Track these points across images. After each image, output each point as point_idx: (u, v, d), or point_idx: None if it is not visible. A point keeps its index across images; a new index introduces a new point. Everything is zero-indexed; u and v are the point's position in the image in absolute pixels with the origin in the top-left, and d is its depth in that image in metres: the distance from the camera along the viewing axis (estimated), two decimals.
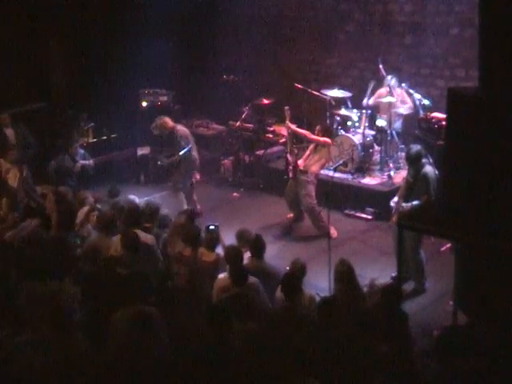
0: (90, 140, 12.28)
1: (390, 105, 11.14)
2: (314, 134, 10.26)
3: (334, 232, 9.78)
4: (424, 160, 8.47)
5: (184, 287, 7.05)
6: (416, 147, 8.51)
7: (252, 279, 6.83)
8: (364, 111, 11.48)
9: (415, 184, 8.33)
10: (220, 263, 7.53)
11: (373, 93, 11.50)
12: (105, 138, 12.50)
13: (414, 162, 8.34)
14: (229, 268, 7.00)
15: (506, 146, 6.16)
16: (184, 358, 5.42)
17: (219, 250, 7.89)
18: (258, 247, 7.39)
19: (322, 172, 10.30)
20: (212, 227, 7.88)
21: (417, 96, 11.25)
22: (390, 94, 11.20)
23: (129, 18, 12.83)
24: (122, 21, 12.82)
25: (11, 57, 12.05)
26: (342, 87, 12.03)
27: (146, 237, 7.70)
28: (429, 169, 8.36)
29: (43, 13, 12.24)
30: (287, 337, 5.67)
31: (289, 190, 10.33)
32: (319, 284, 8.08)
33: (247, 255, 7.44)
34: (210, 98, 13.68)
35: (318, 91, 11.95)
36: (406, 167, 10.92)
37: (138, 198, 9.09)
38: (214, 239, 7.72)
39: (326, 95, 11.75)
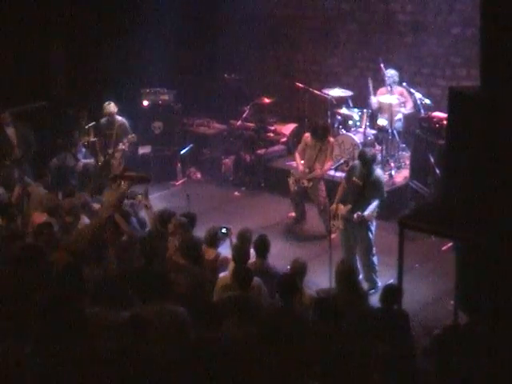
0: (91, 139, 12.26)
1: (391, 104, 11.12)
2: (312, 132, 10.27)
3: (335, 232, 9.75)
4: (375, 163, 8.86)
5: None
6: (371, 150, 9.09)
7: (255, 280, 6.77)
8: (365, 110, 11.45)
9: (365, 188, 8.55)
10: (221, 261, 7.51)
11: (374, 91, 11.47)
12: None
13: (368, 163, 8.56)
14: (234, 269, 6.91)
15: (507, 145, 6.15)
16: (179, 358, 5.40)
17: (224, 251, 7.88)
18: (262, 247, 7.35)
19: None
20: (224, 230, 7.84)
21: (418, 95, 11.23)
22: (390, 92, 11.20)
23: (130, 18, 12.83)
24: (122, 20, 12.81)
25: (12, 56, 12.05)
26: (343, 87, 12.03)
27: None
28: (379, 172, 8.87)
29: (43, 13, 12.23)
30: (286, 339, 5.65)
31: (296, 191, 10.28)
32: (320, 284, 8.07)
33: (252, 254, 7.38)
34: (211, 97, 13.68)
35: (319, 90, 11.95)
36: (408, 166, 11.04)
37: None
38: (215, 236, 7.68)
39: (327, 94, 11.74)
